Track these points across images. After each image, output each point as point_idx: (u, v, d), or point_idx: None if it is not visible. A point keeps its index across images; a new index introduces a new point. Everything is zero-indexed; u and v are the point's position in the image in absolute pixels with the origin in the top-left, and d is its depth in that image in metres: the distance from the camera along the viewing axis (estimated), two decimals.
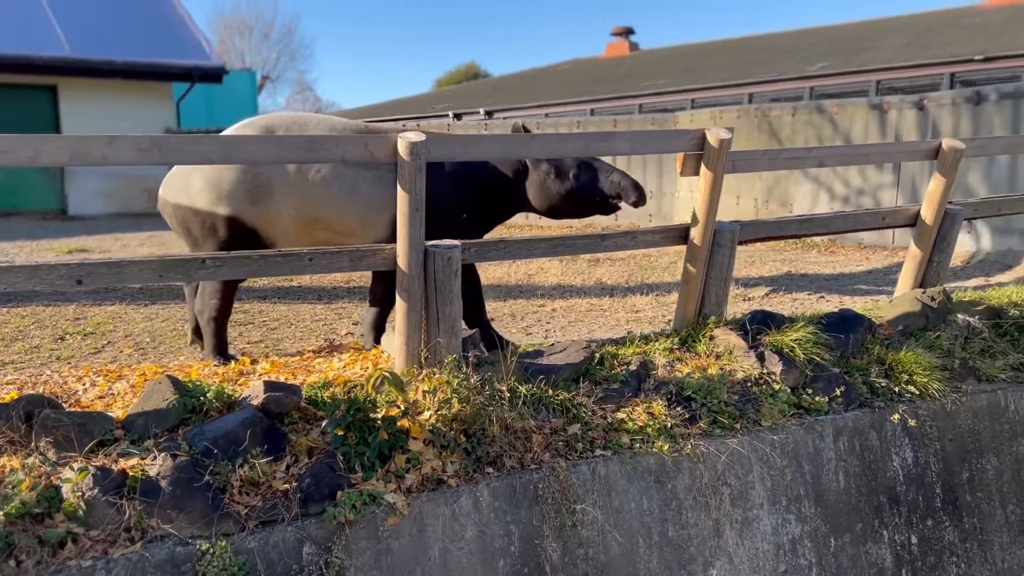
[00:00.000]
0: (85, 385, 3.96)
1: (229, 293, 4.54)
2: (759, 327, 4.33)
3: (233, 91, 20.33)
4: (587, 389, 3.81)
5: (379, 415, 3.24)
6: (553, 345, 4.14)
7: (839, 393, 4.17)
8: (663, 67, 19.46)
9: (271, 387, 3.34)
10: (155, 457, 2.94)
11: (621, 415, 3.73)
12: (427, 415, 3.32)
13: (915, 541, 4.18)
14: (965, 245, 8.69)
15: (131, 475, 2.84)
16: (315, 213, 4.35)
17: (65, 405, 3.50)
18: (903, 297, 5.07)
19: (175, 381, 3.34)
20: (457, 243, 3.77)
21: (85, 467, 2.79)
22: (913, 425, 4.26)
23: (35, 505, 2.67)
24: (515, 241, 4.11)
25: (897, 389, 4.35)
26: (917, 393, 4.36)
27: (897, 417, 4.23)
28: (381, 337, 4.61)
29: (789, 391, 4.11)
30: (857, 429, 4.13)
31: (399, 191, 3.61)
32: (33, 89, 15.16)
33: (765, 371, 4.12)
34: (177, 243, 10.00)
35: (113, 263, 3.38)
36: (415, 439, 3.25)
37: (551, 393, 3.69)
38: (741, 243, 4.63)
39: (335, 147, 3.59)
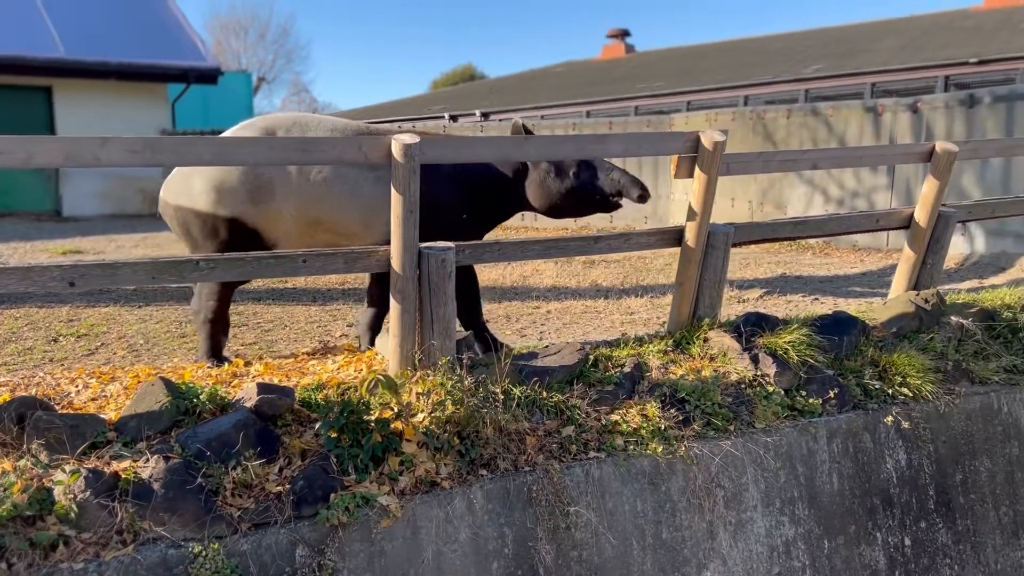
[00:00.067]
0: (78, 387, 3.95)
1: (226, 295, 4.53)
2: (753, 329, 4.33)
3: (229, 92, 20.31)
4: (581, 391, 3.81)
5: (373, 417, 3.23)
6: (547, 347, 4.14)
7: (833, 395, 4.18)
8: (659, 69, 19.49)
9: (264, 389, 3.34)
10: (148, 459, 2.93)
11: (615, 417, 3.73)
12: (421, 417, 3.32)
13: (908, 543, 4.19)
14: (959, 247, 8.71)
15: (123, 477, 2.84)
16: (316, 214, 4.33)
17: (58, 407, 3.49)
18: (897, 299, 5.09)
19: (168, 383, 3.34)
20: (451, 245, 3.77)
21: (77, 469, 2.78)
22: (906, 427, 4.27)
23: (27, 507, 2.66)
24: (509, 243, 4.11)
25: (891, 391, 4.36)
26: (911, 395, 4.37)
27: (891, 419, 4.24)
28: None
29: (783, 393, 4.12)
30: (851, 431, 4.14)
31: (393, 193, 3.61)
32: (28, 90, 15.13)
33: (759, 373, 4.13)
34: (172, 245, 9.99)
35: (106, 265, 3.37)
36: (409, 441, 3.25)
37: (545, 395, 3.69)
38: (735, 245, 4.64)
39: (329, 149, 3.59)
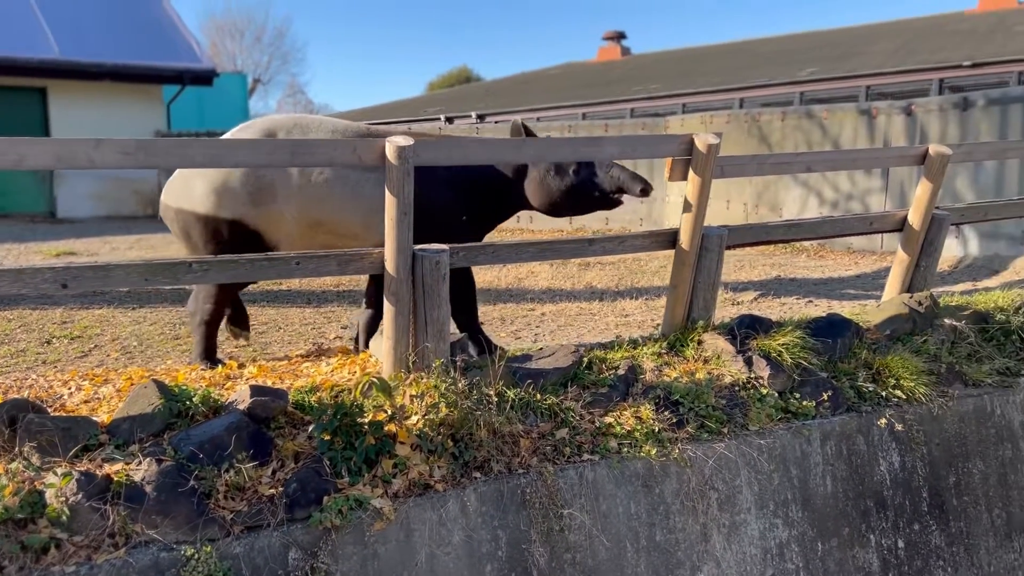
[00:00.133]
0: (71, 389, 3.93)
1: (223, 299, 4.49)
2: (747, 331, 4.34)
3: (224, 94, 20.31)
4: (575, 393, 3.81)
5: (366, 420, 3.23)
6: (542, 349, 4.14)
7: (826, 397, 4.19)
8: (655, 72, 19.52)
9: (258, 391, 3.33)
10: (140, 462, 2.92)
11: (609, 419, 3.72)
12: (414, 420, 3.31)
13: (902, 545, 4.19)
14: (953, 250, 8.73)
15: (115, 480, 2.82)
16: (318, 216, 4.30)
17: (50, 409, 3.47)
18: (891, 302, 5.10)
19: (161, 385, 3.33)
20: (445, 247, 3.77)
21: (69, 472, 2.77)
22: (900, 429, 4.28)
23: (18, 510, 2.65)
24: (504, 245, 4.11)
25: (884, 393, 4.36)
26: (904, 397, 4.37)
27: (884, 421, 4.24)
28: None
29: (777, 395, 4.12)
30: (844, 433, 4.14)
31: (387, 195, 3.60)
32: (22, 91, 15.10)
33: (753, 375, 4.13)
34: (166, 246, 9.97)
35: (99, 267, 3.36)
36: (402, 444, 3.24)
37: (539, 397, 3.69)
38: (730, 247, 4.64)
39: (323, 151, 3.59)
